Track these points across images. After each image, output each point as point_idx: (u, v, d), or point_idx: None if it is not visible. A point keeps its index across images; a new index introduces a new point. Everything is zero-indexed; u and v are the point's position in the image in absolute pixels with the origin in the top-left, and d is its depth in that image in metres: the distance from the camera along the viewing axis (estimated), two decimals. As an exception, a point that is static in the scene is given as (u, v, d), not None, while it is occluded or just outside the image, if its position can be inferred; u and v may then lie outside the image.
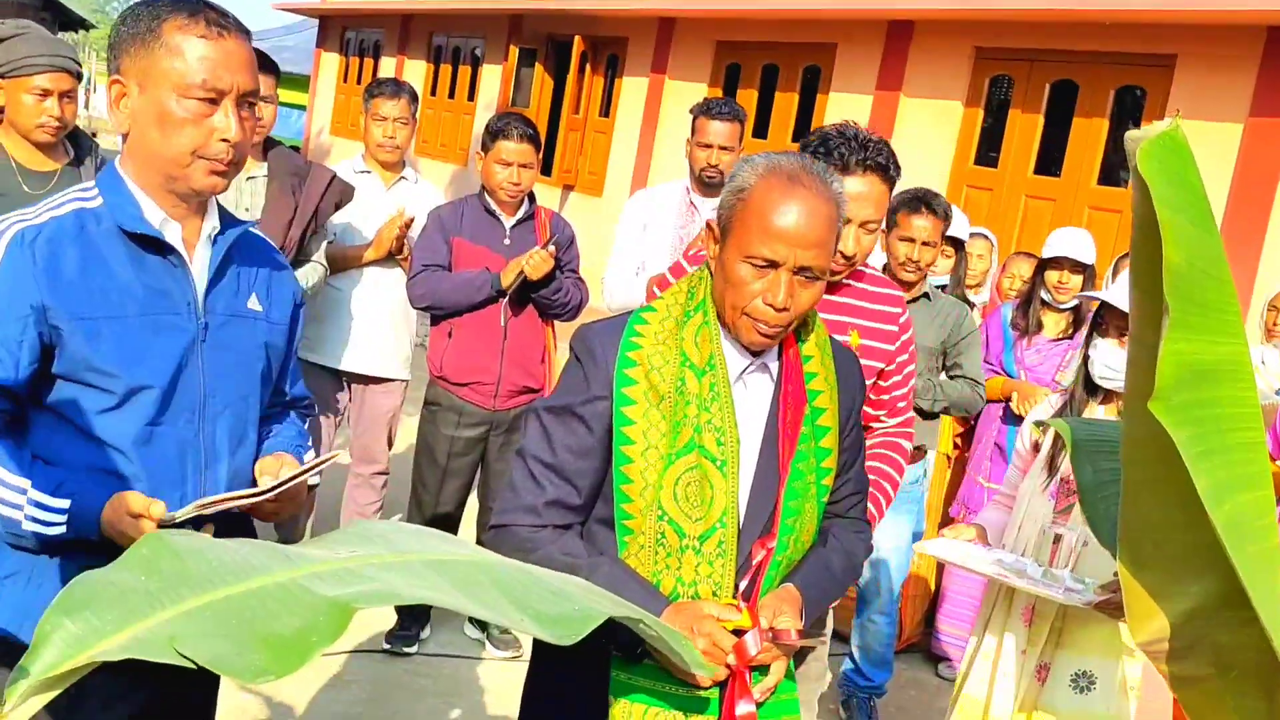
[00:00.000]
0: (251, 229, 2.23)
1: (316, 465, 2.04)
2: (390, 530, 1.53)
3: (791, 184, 2.01)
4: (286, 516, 2.15)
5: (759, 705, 2.04)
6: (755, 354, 2.13)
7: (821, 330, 2.21)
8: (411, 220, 4.65)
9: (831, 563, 2.19)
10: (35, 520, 1.90)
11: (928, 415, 4.52)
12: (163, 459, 2.02)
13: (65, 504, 1.91)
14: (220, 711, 3.65)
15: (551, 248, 4.38)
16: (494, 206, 4.48)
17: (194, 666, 1.14)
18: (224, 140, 1.97)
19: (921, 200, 4.35)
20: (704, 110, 4.64)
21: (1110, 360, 3.16)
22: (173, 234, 2.04)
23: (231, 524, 2.09)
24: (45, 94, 3.55)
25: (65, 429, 1.99)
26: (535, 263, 4.32)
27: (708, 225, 2.14)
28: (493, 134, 4.43)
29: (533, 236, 4.52)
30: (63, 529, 1.91)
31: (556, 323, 4.68)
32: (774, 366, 2.15)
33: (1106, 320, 3.23)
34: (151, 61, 1.95)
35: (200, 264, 2.09)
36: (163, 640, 1.17)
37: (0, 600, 2.01)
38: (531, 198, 4.59)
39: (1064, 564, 3.01)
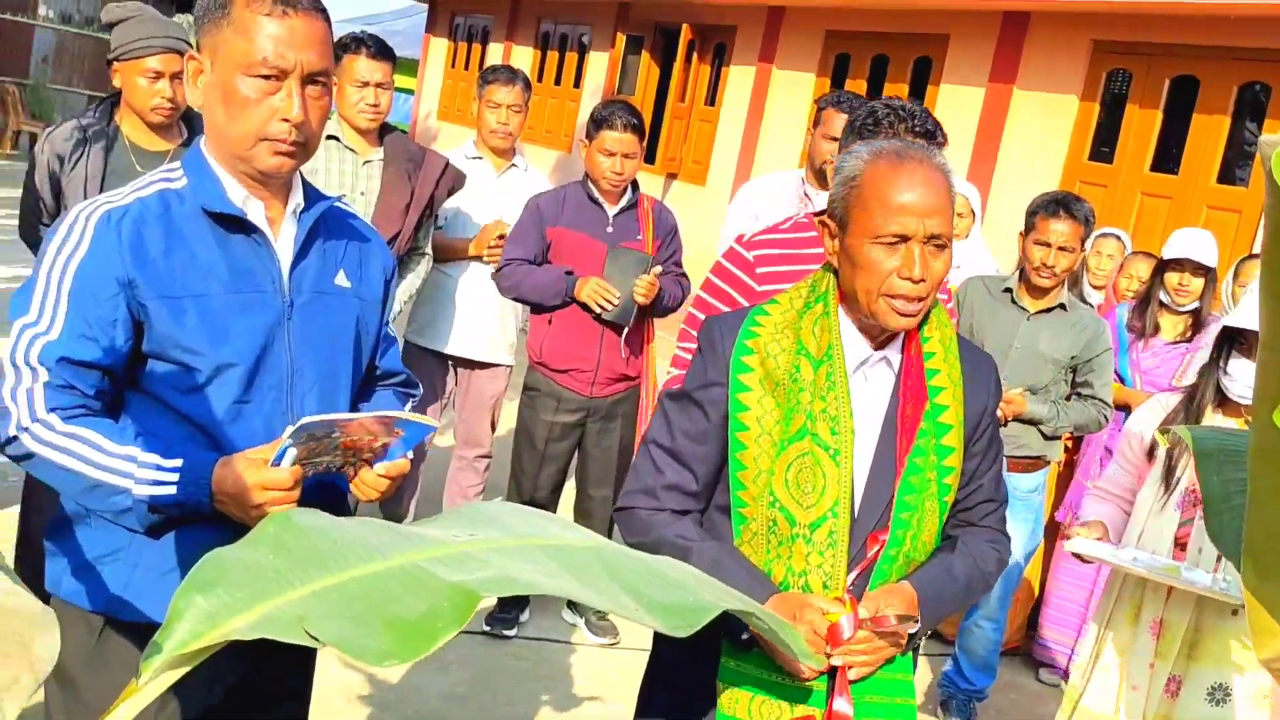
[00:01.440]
0: (338, 203, 2.22)
1: (405, 415, 2.02)
2: (505, 512, 1.54)
3: (901, 159, 2.04)
4: (388, 495, 2.15)
5: (870, 703, 2.05)
6: (877, 346, 2.12)
7: (948, 328, 2.19)
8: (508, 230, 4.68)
9: (954, 567, 2.16)
10: (146, 483, 1.89)
11: (1049, 437, 4.41)
12: (251, 436, 2.02)
13: (177, 463, 1.91)
14: (325, 690, 3.73)
15: (657, 269, 4.39)
16: (597, 194, 4.50)
17: (319, 646, 1.16)
18: (285, 120, 1.96)
19: (1061, 203, 4.22)
20: (833, 102, 4.56)
21: (1251, 381, 3.05)
22: (255, 212, 2.04)
23: (327, 503, 2.06)
24: (158, 75, 3.62)
25: (157, 408, 2.00)
26: (643, 290, 4.36)
27: (821, 222, 2.14)
28: (597, 123, 4.44)
29: (636, 225, 4.54)
30: (174, 490, 1.90)
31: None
32: (896, 360, 2.14)
33: (1247, 340, 3.11)
34: (222, 39, 1.95)
35: (285, 241, 2.09)
36: (292, 620, 1.19)
37: (101, 579, 2.03)
38: (635, 186, 4.59)
39: (1219, 567, 2.94)
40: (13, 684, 1.19)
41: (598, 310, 4.40)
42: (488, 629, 4.63)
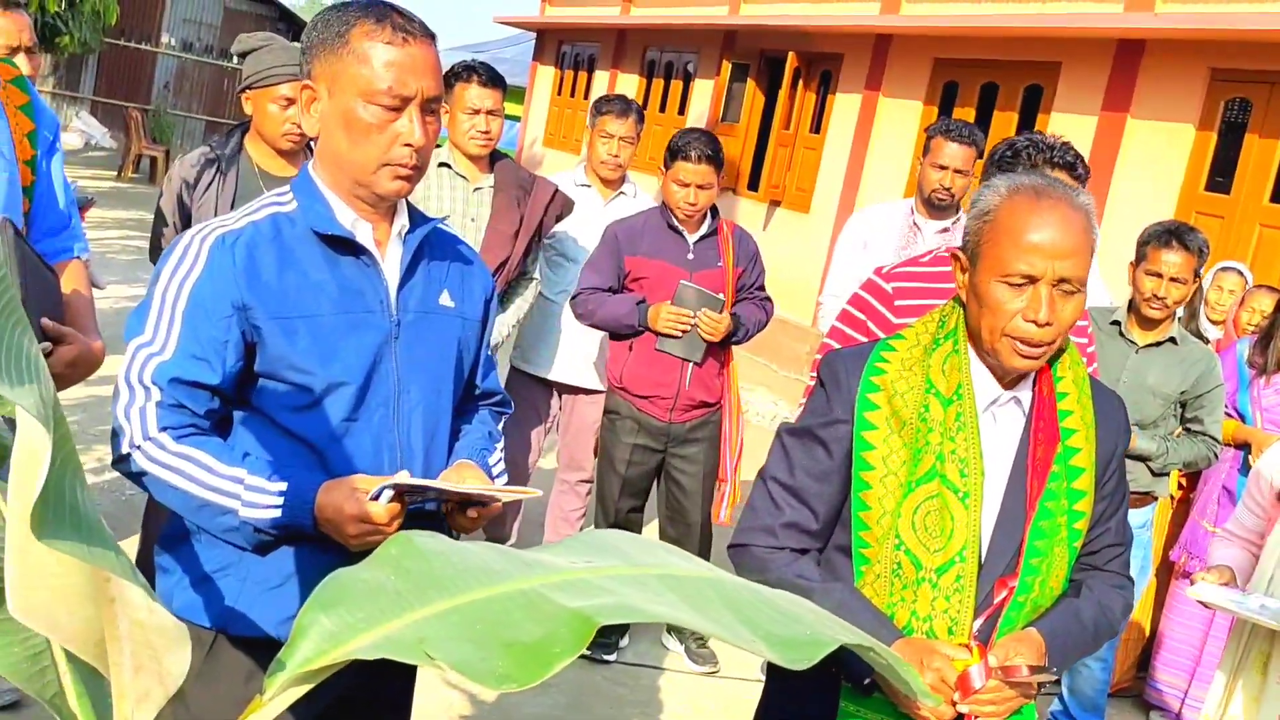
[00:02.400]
0: (441, 225, 2.25)
1: (504, 492, 2.07)
2: (623, 541, 1.54)
3: (1039, 197, 1.98)
4: (477, 528, 2.17)
5: None
6: (1007, 386, 2.07)
7: (1080, 367, 2.12)
8: None
9: (1082, 613, 2.09)
10: (253, 505, 1.93)
11: (1157, 473, 4.30)
12: (360, 453, 2.05)
13: (282, 486, 1.94)
14: (425, 706, 3.77)
15: (726, 315, 4.39)
16: (676, 222, 4.50)
17: (440, 669, 1.17)
18: (408, 145, 1.99)
19: (1173, 233, 4.11)
20: (942, 131, 4.55)
21: None
22: (364, 234, 2.07)
23: (429, 527, 2.11)
24: (289, 102, 3.69)
25: (267, 427, 2.04)
26: (708, 326, 4.36)
27: (953, 255, 2.10)
28: (672, 153, 4.44)
29: (715, 252, 4.53)
30: (279, 513, 1.94)
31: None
32: (1026, 400, 2.09)
33: None
34: (340, 67, 1.98)
35: (392, 262, 2.12)
36: (413, 641, 1.21)
37: (212, 594, 2.06)
38: (715, 212, 4.58)
39: None
40: (145, 697, 1.23)
41: (671, 335, 4.39)
42: (587, 653, 4.63)
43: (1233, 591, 3.00)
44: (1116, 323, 4.29)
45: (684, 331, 4.39)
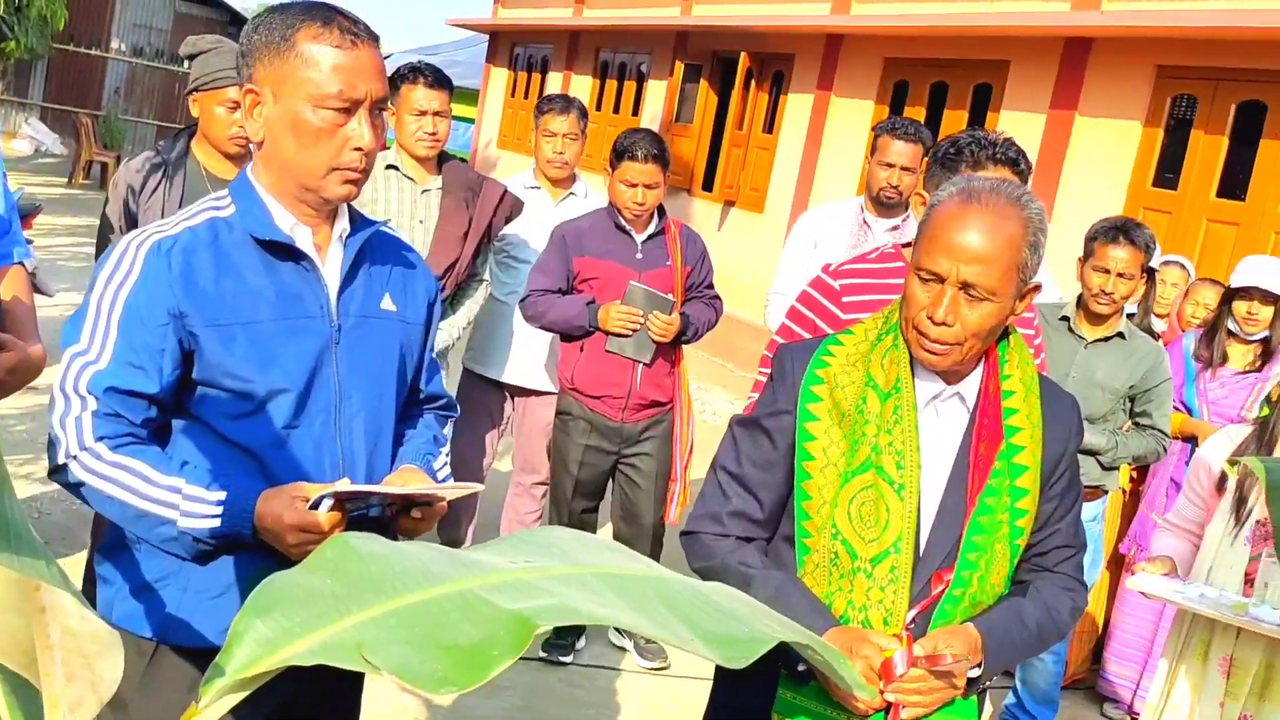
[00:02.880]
0: (384, 228, 2.23)
1: (447, 489, 2.05)
2: (563, 539, 1.54)
3: (968, 199, 2.00)
4: (424, 531, 2.16)
5: None
6: (950, 381, 2.09)
7: (1030, 367, 2.14)
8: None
9: (1025, 612, 2.10)
10: (191, 515, 1.91)
11: (1107, 468, 4.34)
12: (301, 460, 2.03)
13: (221, 495, 1.92)
14: (378, 709, 3.75)
15: (676, 316, 4.40)
16: (623, 222, 4.50)
17: (378, 674, 1.17)
18: (358, 149, 1.98)
19: (1120, 229, 4.15)
20: (888, 129, 4.59)
21: None
22: (303, 239, 2.05)
23: (372, 530, 2.07)
24: (236, 105, 3.66)
25: (206, 435, 2.01)
26: (659, 328, 4.37)
27: (901, 250, 2.14)
28: (618, 153, 4.44)
29: (663, 250, 4.54)
30: (218, 521, 1.92)
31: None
32: (971, 397, 2.10)
33: None
34: (286, 70, 1.95)
35: (332, 266, 2.10)
36: (350, 646, 1.20)
37: (152, 603, 2.04)
38: (662, 212, 4.59)
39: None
40: (79, 705, 1.21)
41: (621, 335, 4.39)
42: (544, 655, 4.62)
43: (1173, 581, 3.03)
44: (1065, 318, 4.33)
45: (634, 331, 4.39)
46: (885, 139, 4.56)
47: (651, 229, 4.55)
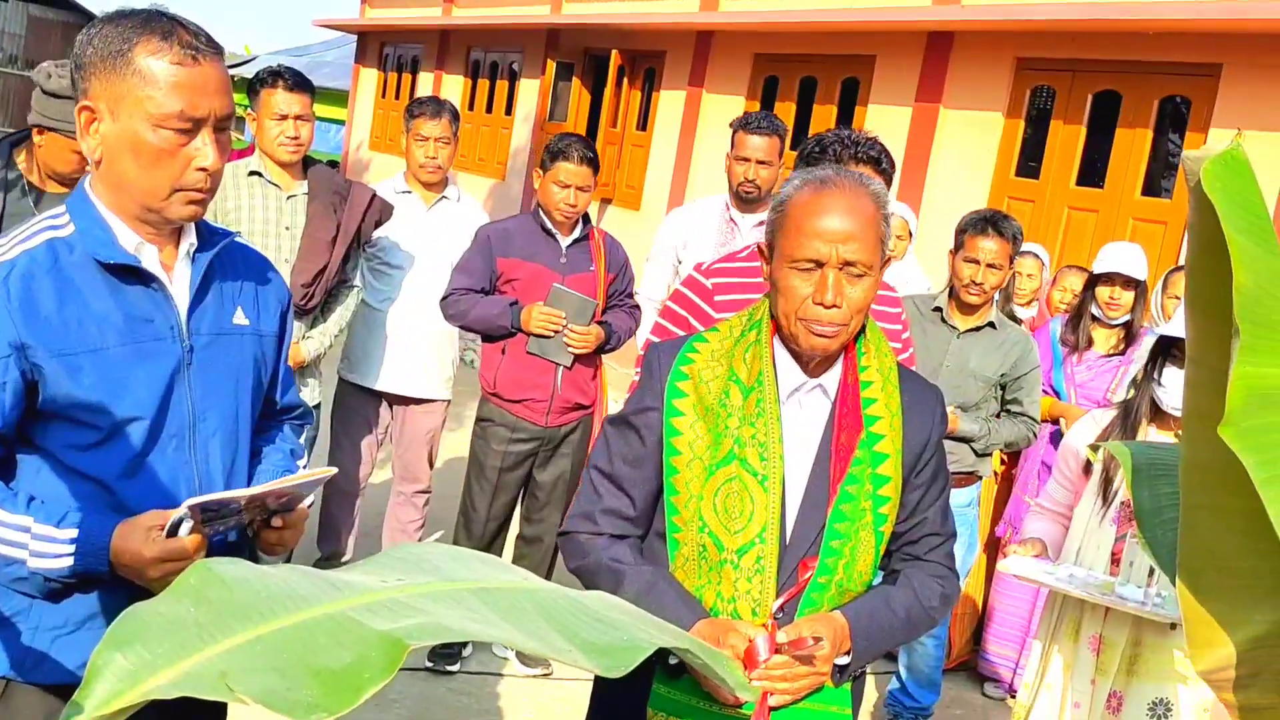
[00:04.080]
0: (236, 239, 2.15)
1: (299, 478, 1.97)
2: (436, 555, 1.51)
3: (823, 185, 2.06)
4: (291, 544, 2.09)
5: None
6: (811, 373, 2.13)
7: (888, 357, 2.19)
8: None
9: (893, 599, 2.15)
10: (42, 555, 1.82)
11: (980, 454, 4.44)
12: (155, 488, 1.95)
13: (73, 533, 1.83)
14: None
15: (594, 327, 4.42)
16: (550, 225, 4.48)
17: (246, 704, 1.13)
18: (202, 169, 1.89)
19: (989, 221, 4.27)
20: (742, 125, 4.64)
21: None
22: (149, 258, 1.95)
23: (235, 554, 2.01)
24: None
25: (54, 466, 1.92)
26: (578, 341, 4.38)
27: (758, 248, 2.17)
28: (553, 154, 4.44)
29: (587, 257, 4.54)
30: (71, 561, 1.83)
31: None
32: (832, 388, 2.14)
33: (1181, 350, 3.14)
34: (124, 88, 1.84)
35: (181, 284, 2.01)
36: (214, 676, 1.16)
37: (3, 640, 1.95)
38: (586, 218, 4.59)
39: (1152, 581, 2.96)
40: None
41: (543, 336, 4.37)
42: (430, 665, 4.56)
43: (1043, 563, 3.11)
44: (938, 309, 4.41)
45: (555, 333, 4.37)
46: (740, 134, 4.62)
47: (576, 234, 4.54)
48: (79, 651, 1.92)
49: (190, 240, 2.03)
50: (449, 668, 4.58)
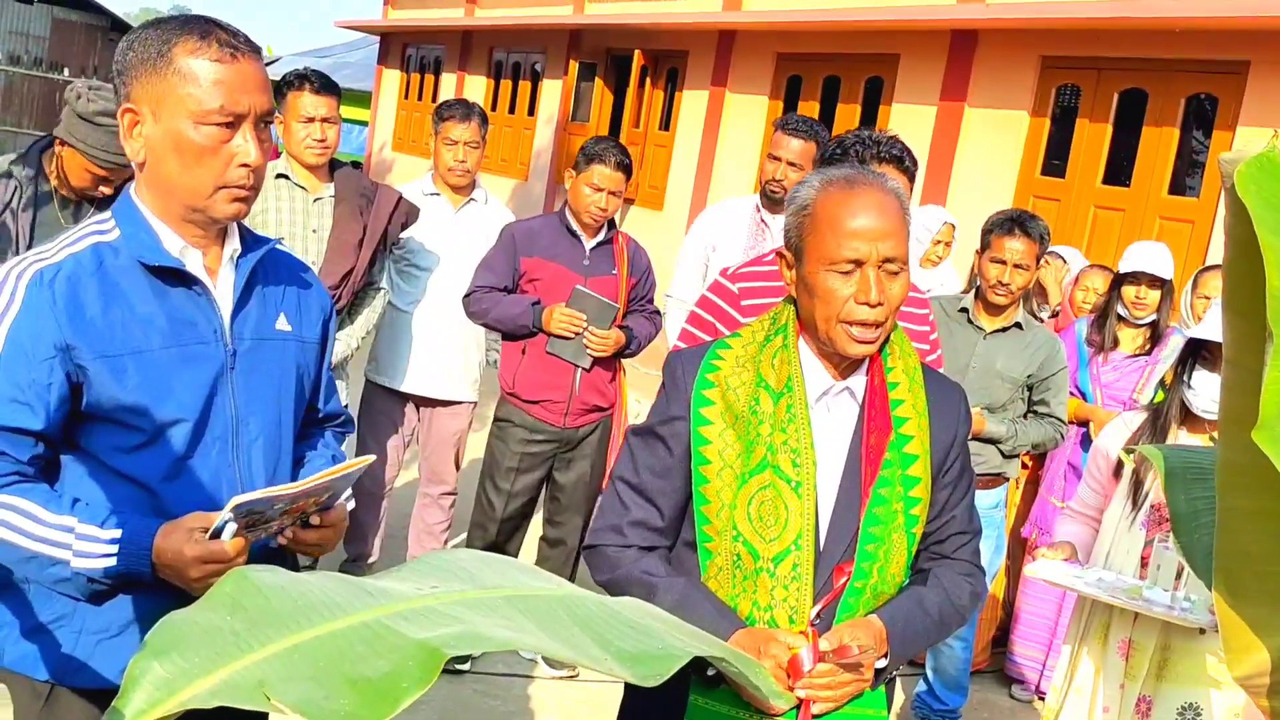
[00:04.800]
0: (277, 246, 2.17)
1: (339, 470, 1.97)
2: (470, 561, 1.51)
3: (851, 185, 2.05)
4: (330, 546, 2.10)
5: None
6: (839, 376, 2.12)
7: (912, 357, 2.17)
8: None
9: (926, 600, 2.13)
10: (86, 555, 1.84)
11: (1007, 455, 4.41)
12: (198, 491, 1.97)
13: (116, 534, 1.85)
14: (292, 732, 3.68)
15: (614, 331, 4.42)
16: (576, 227, 4.49)
17: (285, 714, 1.13)
18: (244, 165, 1.91)
19: (1016, 221, 4.25)
20: (782, 125, 4.67)
21: (1214, 394, 3.04)
22: (193, 262, 1.98)
23: (274, 560, 2.00)
24: (103, 178, 3.56)
25: (98, 469, 1.94)
26: (597, 344, 4.39)
27: (778, 254, 2.15)
28: (588, 157, 4.45)
29: (610, 260, 4.54)
30: (114, 561, 1.85)
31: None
32: (859, 390, 2.13)
33: (1211, 352, 3.11)
34: (166, 88, 1.87)
35: (224, 288, 2.03)
36: (252, 685, 1.16)
37: (46, 645, 1.96)
38: (611, 223, 4.59)
39: (1179, 585, 2.94)
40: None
41: (563, 337, 4.37)
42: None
43: (1071, 566, 3.10)
44: (964, 310, 4.40)
45: (575, 334, 4.37)
46: (779, 134, 4.63)
47: (601, 237, 4.54)
48: (120, 657, 1.92)
49: (234, 245, 2.05)
50: (459, 667, 4.55)
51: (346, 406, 4.52)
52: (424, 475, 5.08)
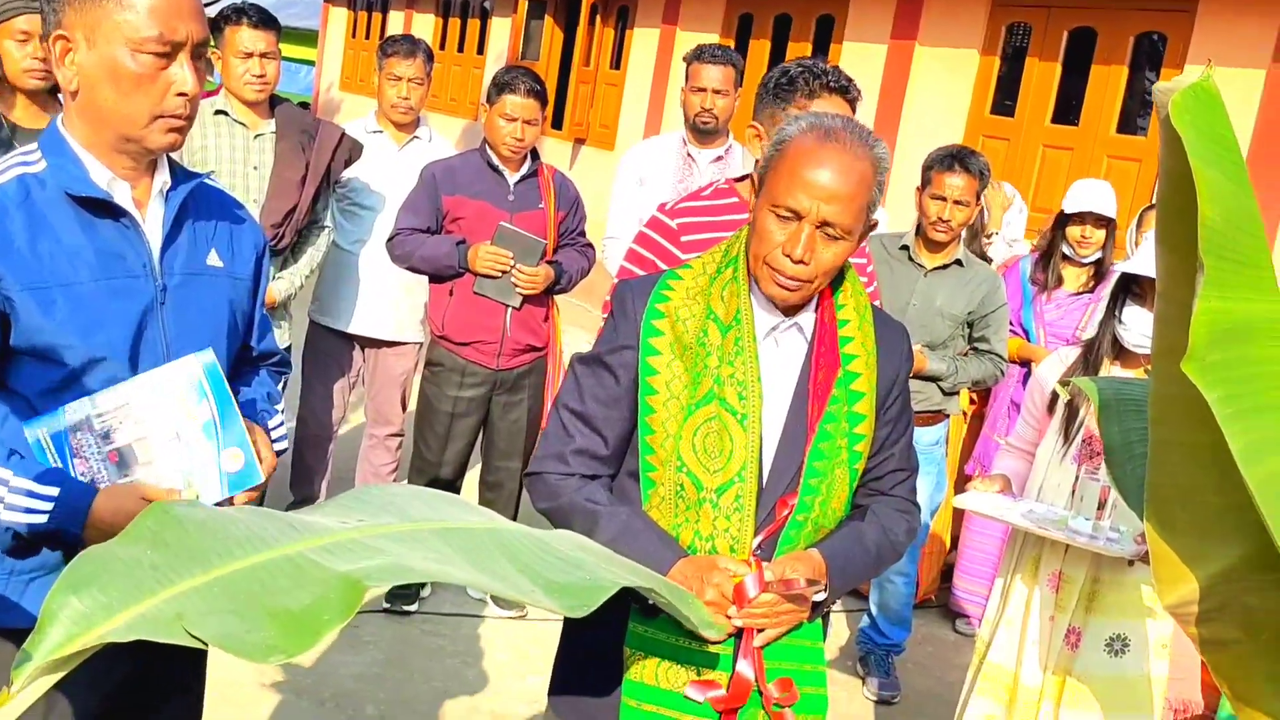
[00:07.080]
0: (207, 180, 2.14)
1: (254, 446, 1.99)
2: (400, 496, 1.50)
3: (826, 138, 2.02)
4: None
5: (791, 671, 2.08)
6: (787, 312, 2.11)
7: (862, 296, 2.18)
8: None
9: (865, 535, 2.16)
10: (14, 509, 1.82)
11: (947, 392, 4.44)
12: None
13: (54, 491, 1.83)
14: (235, 678, 3.67)
15: (543, 268, 4.34)
16: (497, 162, 4.42)
17: (203, 646, 1.12)
18: (181, 94, 1.89)
19: (955, 157, 4.25)
20: (696, 56, 4.66)
21: (1145, 329, 3.07)
22: (122, 194, 1.95)
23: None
24: (28, 37, 3.42)
25: (24, 409, 1.91)
26: (526, 282, 4.31)
27: (750, 178, 2.15)
28: (498, 87, 4.36)
29: (536, 194, 4.47)
30: (45, 518, 1.83)
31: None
32: (809, 327, 2.14)
33: (1142, 287, 3.14)
34: (100, 14, 1.84)
35: (154, 222, 2.00)
36: (170, 618, 1.14)
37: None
38: (535, 154, 4.52)
39: (1102, 515, 2.96)
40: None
41: (490, 276, 4.31)
42: (387, 606, 4.55)
43: (1001, 499, 3.13)
44: (905, 247, 4.40)
45: (503, 273, 4.31)
46: (695, 66, 4.64)
47: (524, 170, 4.47)
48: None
49: (164, 178, 2.02)
50: (406, 608, 4.55)
51: (288, 348, 4.51)
52: (370, 417, 5.05)
